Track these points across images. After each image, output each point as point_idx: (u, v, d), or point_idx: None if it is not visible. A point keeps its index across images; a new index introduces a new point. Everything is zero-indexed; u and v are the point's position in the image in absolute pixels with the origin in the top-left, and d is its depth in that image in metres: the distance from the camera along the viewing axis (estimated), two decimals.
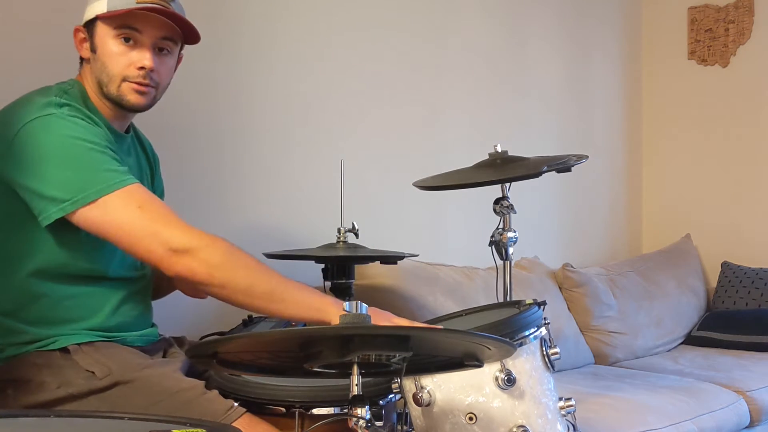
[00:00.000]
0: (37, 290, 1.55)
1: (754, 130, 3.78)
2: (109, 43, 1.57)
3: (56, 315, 1.57)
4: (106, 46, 1.57)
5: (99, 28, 1.57)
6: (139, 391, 1.51)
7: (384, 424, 1.56)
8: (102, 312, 1.61)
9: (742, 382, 2.90)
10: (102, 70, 1.58)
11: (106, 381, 1.52)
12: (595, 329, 3.24)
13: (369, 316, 1.15)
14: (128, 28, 1.56)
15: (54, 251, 1.55)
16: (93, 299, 1.60)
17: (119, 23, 1.56)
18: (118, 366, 1.54)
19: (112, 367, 1.53)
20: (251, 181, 2.56)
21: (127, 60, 1.57)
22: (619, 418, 2.41)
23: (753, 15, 3.79)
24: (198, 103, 2.41)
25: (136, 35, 1.57)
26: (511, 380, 1.42)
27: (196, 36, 1.66)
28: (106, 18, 1.55)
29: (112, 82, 1.58)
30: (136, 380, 1.52)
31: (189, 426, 1.06)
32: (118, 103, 1.60)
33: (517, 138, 3.32)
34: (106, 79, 1.58)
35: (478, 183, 1.99)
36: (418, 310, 2.60)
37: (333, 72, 2.77)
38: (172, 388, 1.51)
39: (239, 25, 2.51)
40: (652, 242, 4.05)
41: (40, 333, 1.55)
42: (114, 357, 1.56)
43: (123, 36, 1.56)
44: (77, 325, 1.58)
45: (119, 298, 1.64)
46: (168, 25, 1.59)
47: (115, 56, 1.56)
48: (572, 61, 3.70)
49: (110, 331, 1.61)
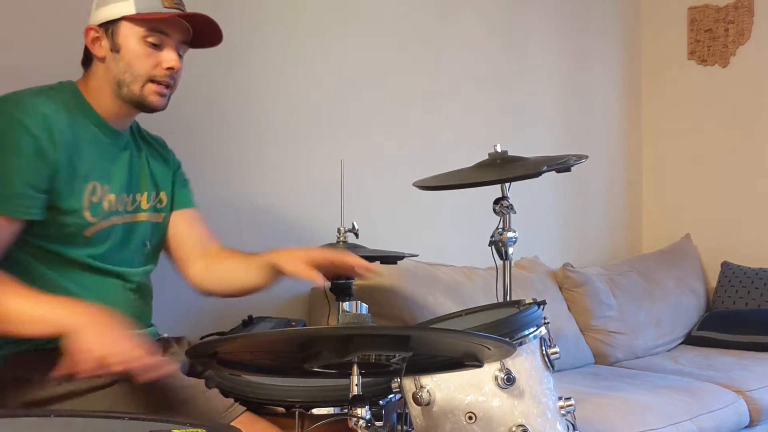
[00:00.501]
0: (34, 286, 1.56)
1: (754, 130, 3.78)
2: (137, 44, 1.59)
3: None
4: (134, 47, 1.59)
5: (124, 28, 1.59)
6: (140, 389, 1.51)
7: (384, 424, 1.57)
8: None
9: (742, 381, 2.90)
10: (126, 70, 1.60)
11: (107, 378, 1.52)
12: (595, 329, 3.24)
13: (369, 316, 1.15)
14: (158, 32, 1.60)
15: (43, 242, 1.55)
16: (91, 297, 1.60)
17: (151, 26, 1.59)
18: None
19: None
20: (251, 181, 2.56)
21: (154, 61, 1.60)
22: (619, 418, 2.41)
23: (753, 15, 3.80)
24: (198, 104, 2.41)
25: (163, 38, 1.61)
26: (511, 380, 1.42)
27: (218, 38, 1.70)
28: (135, 19, 1.58)
29: (137, 82, 1.60)
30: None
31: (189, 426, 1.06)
32: (138, 103, 1.62)
33: (517, 138, 3.32)
34: (130, 79, 1.60)
35: (478, 183, 1.99)
36: (418, 310, 2.60)
37: (333, 73, 2.77)
38: (173, 385, 1.52)
39: (239, 27, 2.51)
40: (652, 242, 4.05)
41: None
42: None
43: (152, 38, 1.60)
44: None
45: (116, 297, 1.64)
46: (188, 29, 1.65)
47: (143, 57, 1.59)
48: (572, 61, 3.70)
49: None
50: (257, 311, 2.26)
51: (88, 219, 1.58)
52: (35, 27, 2.09)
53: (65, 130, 1.55)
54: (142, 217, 1.72)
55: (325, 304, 2.30)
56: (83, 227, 1.58)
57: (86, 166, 1.58)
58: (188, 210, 1.85)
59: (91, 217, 1.59)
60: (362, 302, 1.15)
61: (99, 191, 1.60)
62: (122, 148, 1.70)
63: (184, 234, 1.83)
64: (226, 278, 1.81)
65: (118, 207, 1.65)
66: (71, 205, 1.56)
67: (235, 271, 1.80)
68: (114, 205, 1.64)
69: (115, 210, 1.64)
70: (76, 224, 1.57)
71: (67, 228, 1.56)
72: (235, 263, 1.81)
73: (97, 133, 1.62)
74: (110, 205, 1.63)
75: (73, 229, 1.57)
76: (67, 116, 1.57)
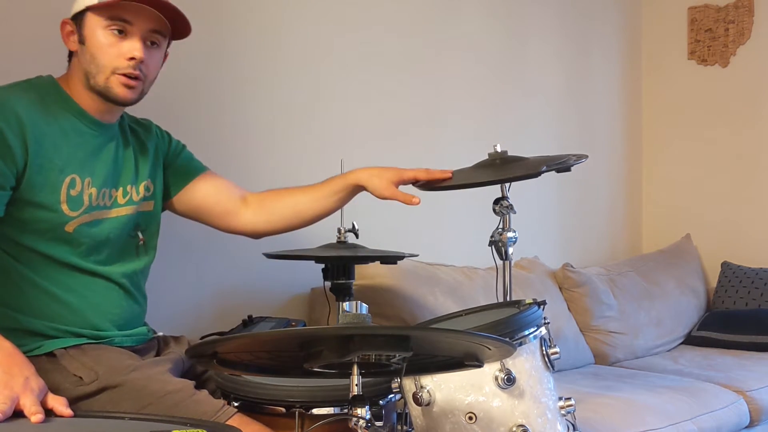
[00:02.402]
0: (15, 291, 1.55)
1: (754, 130, 3.78)
2: (99, 34, 1.56)
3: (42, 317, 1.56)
4: (96, 38, 1.56)
5: (89, 19, 1.57)
6: (127, 396, 1.50)
7: (384, 424, 1.57)
8: (88, 312, 1.60)
9: (742, 382, 2.90)
10: (91, 62, 1.57)
11: (94, 386, 1.51)
12: (595, 329, 3.24)
13: (369, 316, 1.15)
14: (119, 20, 1.55)
15: (23, 240, 1.54)
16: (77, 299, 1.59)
17: (110, 14, 1.55)
18: (105, 370, 1.53)
19: (99, 372, 1.52)
20: (251, 181, 2.55)
21: (117, 51, 1.56)
22: (619, 418, 2.41)
23: (753, 15, 3.79)
24: (198, 104, 2.41)
25: (126, 26, 1.56)
26: (511, 380, 1.42)
27: (186, 29, 1.65)
28: (97, 9, 1.55)
29: (101, 74, 1.57)
30: (123, 384, 1.51)
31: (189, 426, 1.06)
32: (104, 95, 1.58)
33: (517, 138, 3.32)
34: (95, 70, 1.57)
35: (478, 183, 1.99)
36: (418, 310, 2.60)
37: (333, 72, 2.77)
38: (159, 392, 1.50)
39: (240, 27, 2.51)
40: (652, 242, 4.05)
41: (26, 338, 1.54)
42: (101, 361, 1.55)
43: (114, 27, 1.55)
44: (64, 328, 1.56)
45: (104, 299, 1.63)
46: (158, 17, 1.58)
47: (105, 47, 1.56)
48: (572, 61, 3.70)
49: (98, 330, 1.60)
50: (257, 311, 2.25)
51: (67, 213, 1.55)
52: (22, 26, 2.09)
53: (37, 123, 1.52)
54: (129, 210, 1.68)
55: (325, 304, 2.30)
56: (63, 222, 1.55)
57: (63, 158, 1.55)
58: (202, 175, 1.86)
59: (70, 211, 1.56)
60: (362, 302, 1.15)
61: (78, 184, 1.57)
62: (107, 140, 1.66)
63: (213, 193, 1.85)
64: (293, 213, 1.88)
65: (100, 201, 1.61)
66: (45, 198, 1.53)
67: (301, 204, 1.87)
68: (96, 199, 1.61)
69: (98, 204, 1.61)
70: (53, 219, 1.54)
71: (44, 223, 1.53)
72: (295, 198, 1.88)
73: (78, 125, 1.60)
74: (91, 199, 1.59)
75: (51, 224, 1.54)
76: (40, 109, 1.54)
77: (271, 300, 2.52)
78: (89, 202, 1.59)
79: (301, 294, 2.64)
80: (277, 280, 2.53)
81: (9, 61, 2.00)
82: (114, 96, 1.58)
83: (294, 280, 2.58)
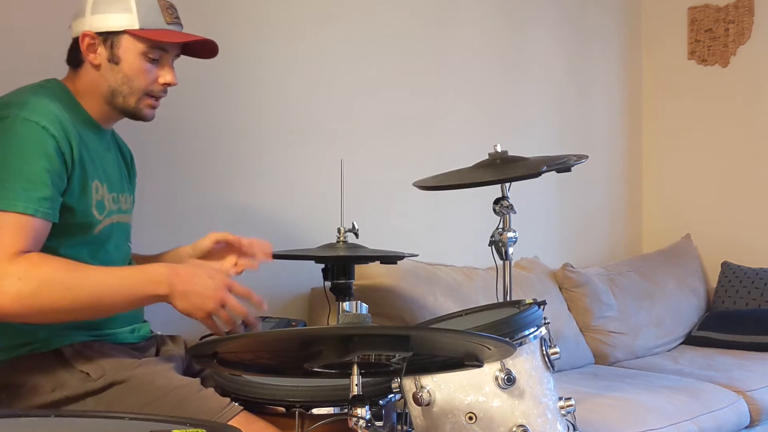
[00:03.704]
0: None
1: (753, 130, 3.78)
2: (138, 59, 1.61)
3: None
4: (134, 61, 1.61)
5: (126, 41, 1.60)
6: (134, 390, 1.51)
7: (384, 424, 1.57)
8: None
9: (742, 382, 2.90)
10: (124, 83, 1.61)
11: (101, 382, 1.52)
12: (595, 329, 3.24)
13: (369, 316, 1.15)
14: (159, 49, 1.63)
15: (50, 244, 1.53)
16: None
17: (152, 44, 1.61)
18: (112, 366, 1.54)
19: (106, 368, 1.54)
20: (251, 181, 2.56)
21: (153, 77, 1.63)
22: (619, 418, 2.41)
23: (753, 15, 3.79)
24: (198, 104, 2.41)
25: (163, 54, 1.64)
26: (511, 380, 1.42)
27: (210, 55, 1.74)
28: (138, 36, 1.59)
29: (133, 95, 1.63)
30: (131, 379, 1.53)
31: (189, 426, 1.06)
32: (131, 114, 1.65)
33: (517, 138, 3.32)
34: (127, 92, 1.62)
35: (478, 183, 1.99)
36: (418, 310, 2.60)
37: (333, 72, 2.77)
38: (166, 387, 1.52)
39: (240, 26, 2.51)
40: (652, 242, 4.05)
41: (32, 335, 1.54)
42: (107, 357, 1.56)
43: (152, 56, 1.62)
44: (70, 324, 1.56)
45: None
46: (183, 44, 1.67)
47: (144, 73, 1.62)
48: (572, 61, 3.70)
49: (100, 328, 1.60)
50: (257, 311, 2.25)
51: (96, 217, 1.59)
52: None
53: (72, 129, 1.54)
54: (126, 218, 1.74)
55: (325, 304, 2.30)
56: (93, 225, 1.58)
57: (90, 164, 1.59)
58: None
59: (98, 215, 1.60)
60: (362, 302, 1.16)
61: (100, 189, 1.61)
62: (108, 147, 1.71)
63: None
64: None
65: (113, 206, 1.66)
66: (82, 203, 1.56)
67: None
68: (111, 203, 1.65)
69: (111, 209, 1.65)
70: (86, 223, 1.57)
71: (76, 227, 1.55)
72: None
73: (88, 131, 1.62)
74: (109, 203, 1.64)
75: (82, 228, 1.57)
76: (68, 115, 1.56)
77: (271, 300, 2.51)
78: (108, 206, 1.64)
79: (301, 294, 2.64)
80: (277, 280, 2.53)
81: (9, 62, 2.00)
82: (142, 116, 1.66)
83: (294, 280, 2.58)
